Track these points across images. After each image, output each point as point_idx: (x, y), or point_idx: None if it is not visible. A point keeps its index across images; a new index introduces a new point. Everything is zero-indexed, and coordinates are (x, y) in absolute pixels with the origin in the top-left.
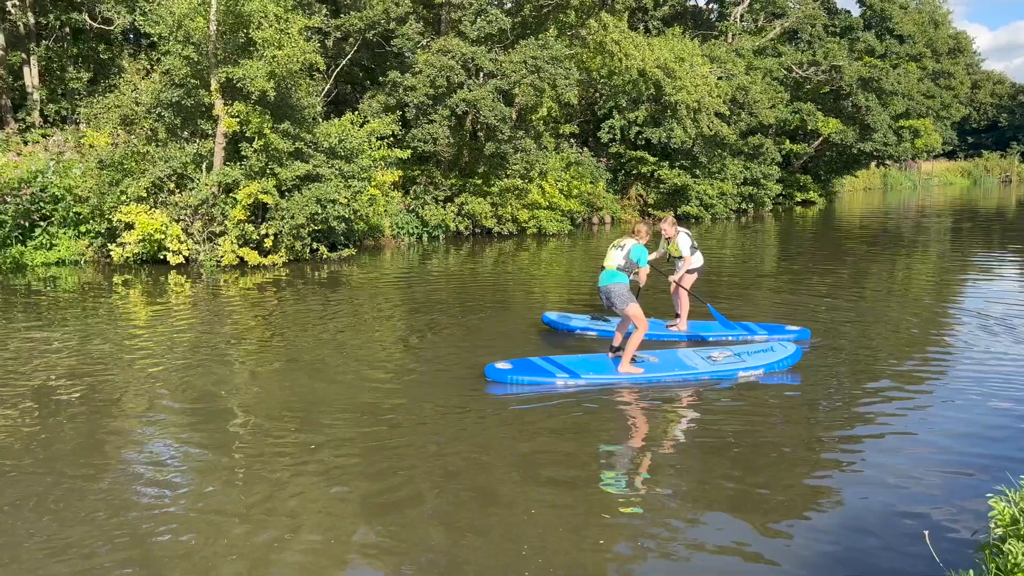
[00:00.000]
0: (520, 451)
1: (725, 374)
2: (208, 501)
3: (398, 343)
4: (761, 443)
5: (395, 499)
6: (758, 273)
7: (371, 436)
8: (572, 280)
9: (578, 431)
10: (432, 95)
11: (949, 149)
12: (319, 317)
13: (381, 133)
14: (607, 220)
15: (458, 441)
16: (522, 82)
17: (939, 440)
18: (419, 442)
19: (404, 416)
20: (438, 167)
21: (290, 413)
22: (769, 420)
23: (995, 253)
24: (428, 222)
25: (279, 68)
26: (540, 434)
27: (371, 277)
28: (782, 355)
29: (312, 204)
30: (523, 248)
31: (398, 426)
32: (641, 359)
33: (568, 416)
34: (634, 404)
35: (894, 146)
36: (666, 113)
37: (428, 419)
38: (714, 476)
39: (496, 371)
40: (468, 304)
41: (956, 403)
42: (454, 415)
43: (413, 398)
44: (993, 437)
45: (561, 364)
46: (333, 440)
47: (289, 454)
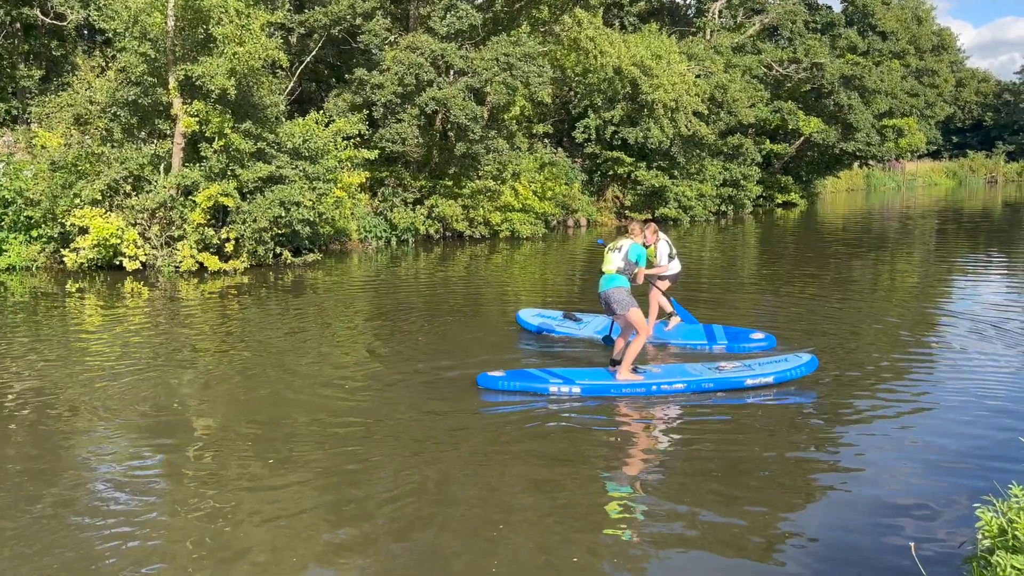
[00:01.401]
0: (494, 464)
1: (732, 383)
2: (166, 518)
3: (365, 351)
4: (744, 454)
5: (364, 514)
6: (738, 277)
7: (338, 449)
8: (547, 284)
9: (561, 439)
10: (400, 93)
11: (933, 149)
12: (282, 325)
13: (347, 133)
14: (582, 222)
15: (429, 453)
16: (494, 80)
17: (927, 448)
18: (389, 454)
19: (372, 427)
20: (407, 168)
21: (252, 425)
22: (754, 429)
23: (981, 255)
24: (397, 225)
25: (240, 65)
26: (519, 444)
27: (337, 283)
28: (795, 364)
29: (275, 207)
30: (496, 252)
31: (366, 438)
32: (643, 369)
33: (552, 424)
34: (627, 412)
35: (877, 146)
36: (643, 112)
37: (397, 430)
38: (698, 487)
39: (489, 379)
40: (438, 310)
41: (945, 409)
42: (425, 425)
43: (381, 408)
44: (983, 444)
45: (556, 372)
46: (298, 453)
47: (252, 468)
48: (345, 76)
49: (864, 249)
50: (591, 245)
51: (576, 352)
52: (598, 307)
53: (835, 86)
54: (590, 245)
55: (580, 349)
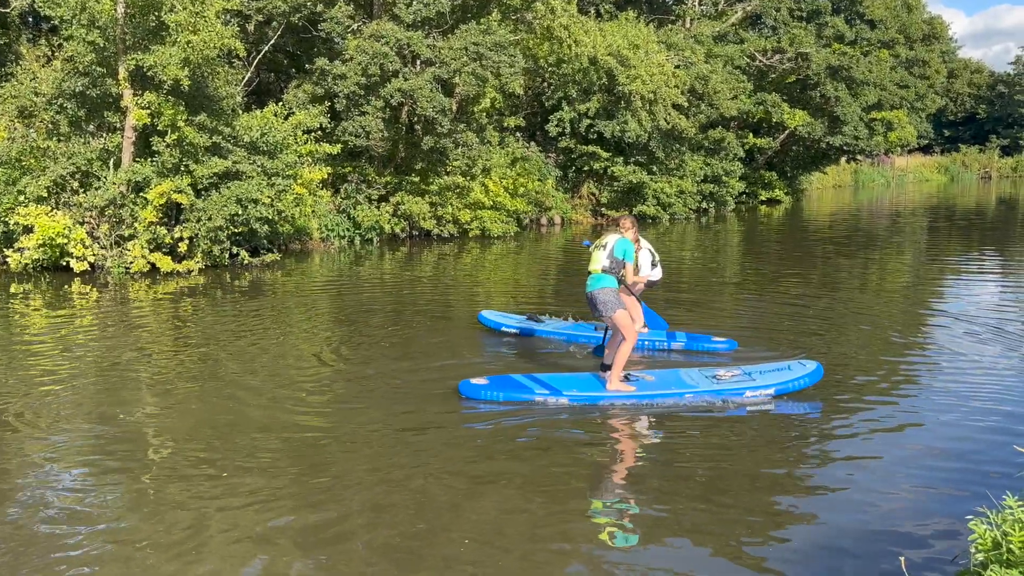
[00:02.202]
0: (470, 481)
1: (730, 393)
2: (119, 537)
3: (327, 356)
4: (730, 465)
5: (328, 533)
6: (720, 278)
7: (299, 460)
8: (519, 286)
9: (543, 454)
10: (364, 84)
11: (924, 143)
12: (239, 329)
13: (308, 126)
14: (556, 221)
15: (397, 465)
16: (463, 70)
17: (917, 456)
18: (353, 467)
19: (335, 438)
20: (371, 163)
21: (206, 437)
22: (740, 438)
23: (975, 254)
24: (360, 224)
25: (194, 54)
26: (498, 460)
27: (297, 284)
28: (799, 373)
29: (231, 204)
30: (465, 252)
31: (329, 449)
32: (636, 377)
33: (534, 437)
34: (615, 425)
35: (865, 140)
36: (620, 105)
37: (362, 440)
38: (683, 499)
39: (471, 387)
40: (404, 313)
41: (938, 416)
42: (391, 435)
43: (345, 417)
44: (977, 453)
45: (543, 381)
46: (257, 466)
47: (207, 483)
48: (305, 66)
49: (852, 248)
50: (566, 245)
51: (559, 353)
52: (568, 309)
53: (821, 77)
54: (565, 245)
55: (558, 349)
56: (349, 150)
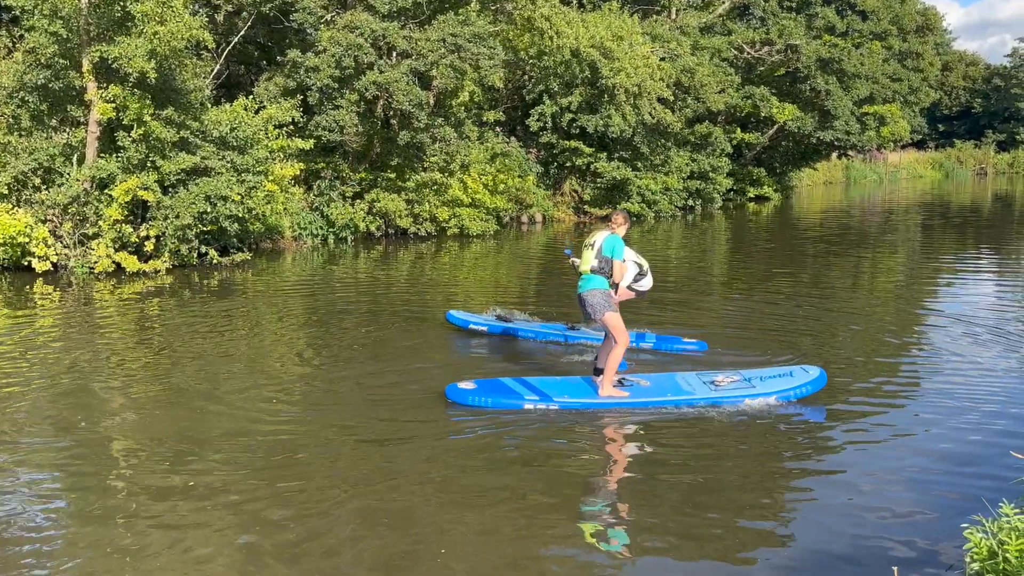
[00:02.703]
0: (451, 487)
1: (728, 401)
2: (77, 552)
3: (300, 360)
4: (722, 473)
5: (301, 548)
6: (707, 278)
7: (271, 471)
8: (499, 286)
9: (524, 465)
10: (338, 77)
11: (918, 138)
12: (208, 331)
13: (279, 120)
14: (538, 219)
15: (373, 477)
16: (440, 63)
17: (911, 462)
18: (328, 478)
19: (309, 445)
20: (345, 159)
21: (174, 444)
22: (730, 444)
23: (971, 252)
24: (334, 222)
25: (161, 46)
26: (479, 471)
27: (268, 285)
28: (802, 380)
29: (200, 202)
30: (443, 250)
31: (302, 458)
32: (630, 383)
33: (519, 445)
34: (606, 434)
35: (857, 135)
36: (603, 98)
37: (338, 449)
38: (673, 510)
39: (458, 392)
40: (380, 314)
41: (933, 420)
42: (367, 443)
43: (319, 424)
44: (975, 459)
45: (533, 386)
46: (226, 476)
47: (172, 494)
48: (277, 58)
49: (844, 247)
50: (548, 244)
51: (545, 356)
52: (550, 310)
53: (811, 70)
54: (547, 243)
55: (543, 351)
56: (322, 145)
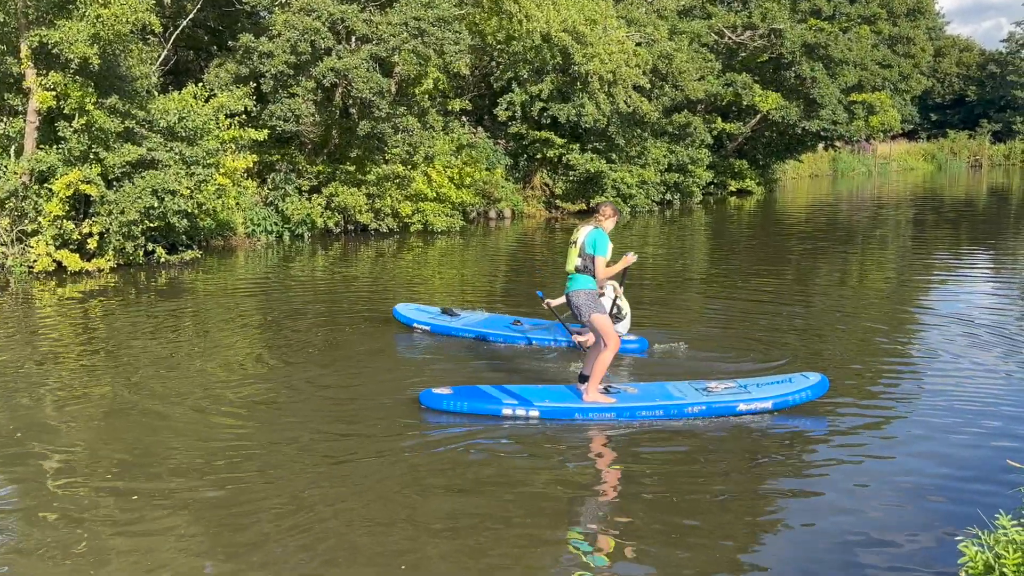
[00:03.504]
0: (414, 505)
1: (721, 408)
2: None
3: (252, 364)
4: (705, 483)
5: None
6: (686, 276)
7: (220, 483)
8: (465, 285)
9: (499, 480)
10: (293, 63)
11: (909, 128)
12: (155, 334)
13: (231, 109)
14: (506, 214)
15: (331, 494)
16: (402, 48)
17: (906, 471)
18: (283, 493)
19: (262, 456)
20: (301, 151)
21: (118, 456)
22: (713, 452)
23: (966, 249)
24: (290, 217)
25: (104, 30)
26: (451, 482)
27: (220, 284)
28: (801, 386)
29: (147, 196)
30: (406, 248)
31: (255, 470)
32: (617, 389)
33: (491, 457)
34: (590, 442)
35: (845, 124)
36: (575, 86)
37: (294, 461)
38: (650, 525)
39: (433, 397)
40: (338, 316)
41: (929, 426)
42: (324, 455)
43: (273, 433)
44: (970, 467)
45: (513, 392)
46: (173, 490)
47: (115, 510)
48: (228, 43)
49: (831, 243)
50: (517, 240)
51: (518, 358)
52: (521, 310)
53: (796, 56)
54: (516, 240)
55: (514, 353)
56: (277, 136)
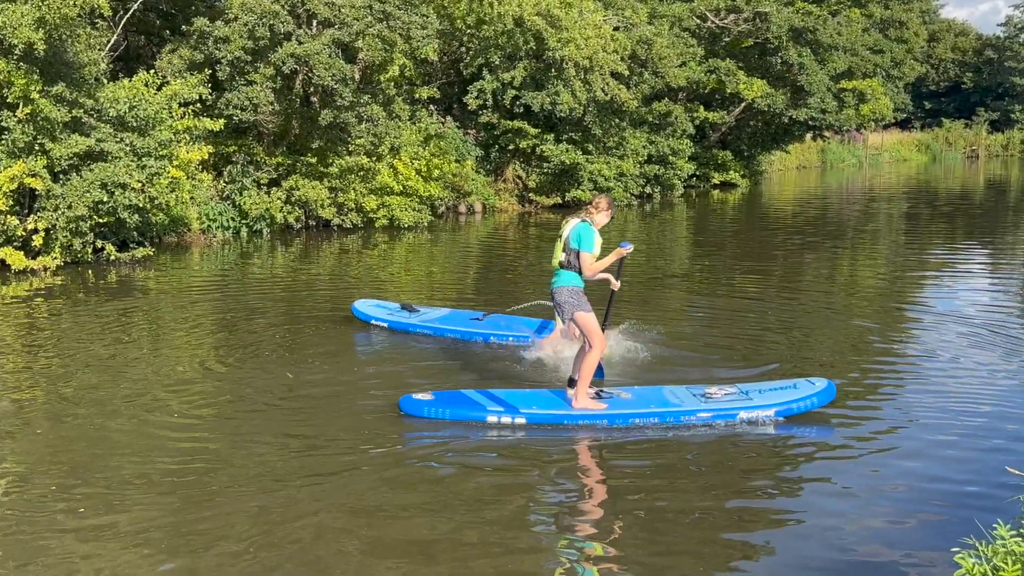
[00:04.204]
0: (380, 520)
1: (720, 415)
2: None
3: (208, 368)
4: (697, 493)
5: None
6: (667, 273)
7: (174, 496)
8: (433, 283)
9: (478, 496)
10: (251, 49)
11: (902, 117)
12: (104, 336)
13: (185, 98)
14: (477, 208)
15: (293, 510)
16: (367, 32)
17: (900, 479)
18: (244, 508)
19: (217, 467)
20: (260, 142)
21: (65, 465)
22: (710, 464)
23: (962, 245)
24: (247, 212)
25: (51, 14)
26: (423, 498)
27: (173, 284)
28: (806, 392)
29: (95, 190)
30: (370, 244)
31: (213, 484)
32: (609, 394)
33: (468, 470)
34: (577, 453)
35: (834, 113)
36: (550, 73)
37: (253, 473)
38: (646, 543)
39: (413, 403)
40: (299, 317)
41: (925, 432)
42: (286, 466)
43: (230, 444)
44: (967, 474)
45: (497, 397)
46: (124, 503)
47: (62, 525)
48: (181, 27)
49: (820, 239)
50: (488, 236)
51: (495, 364)
52: (491, 308)
53: (783, 41)
54: (487, 236)
55: (491, 356)
56: (234, 126)
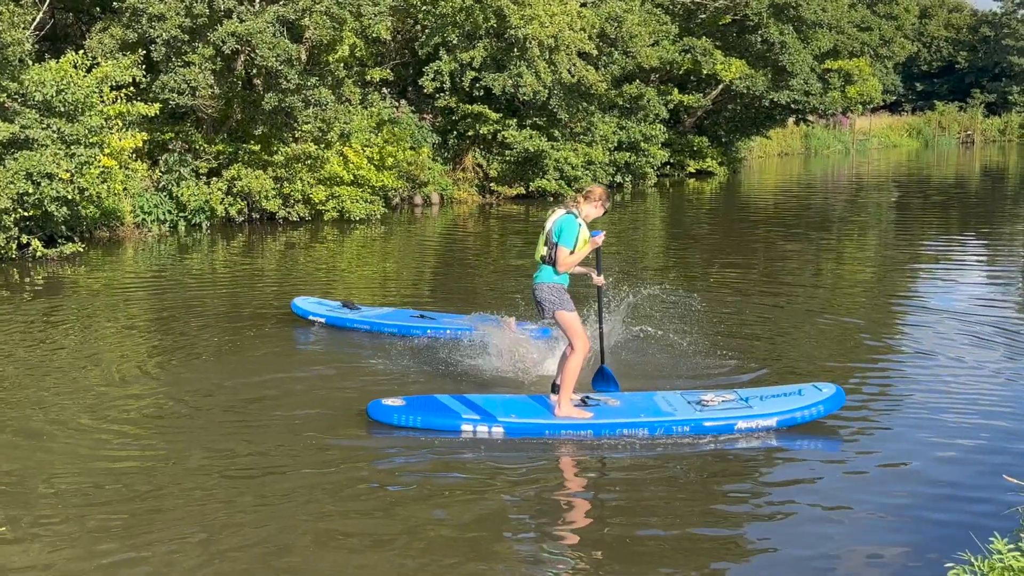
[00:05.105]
0: (336, 544)
1: (716, 427)
2: None
3: (145, 373)
4: (681, 508)
5: None
6: (639, 267)
7: (109, 513)
8: (387, 281)
9: (448, 519)
10: (188, 27)
11: (892, 100)
12: (30, 339)
13: (117, 80)
14: (434, 199)
15: (241, 526)
16: (314, 9)
17: (892, 489)
18: (185, 525)
19: (155, 478)
20: (198, 128)
21: None
22: (680, 470)
23: (957, 237)
24: (185, 205)
25: None
26: (371, 515)
27: (105, 281)
28: (812, 400)
29: (20, 181)
30: (319, 239)
31: (151, 499)
32: (596, 401)
33: (434, 488)
34: (559, 466)
35: (818, 96)
36: (512, 53)
37: (193, 481)
38: (618, 562)
39: (382, 409)
40: (241, 317)
41: (919, 437)
42: (229, 480)
43: (170, 455)
44: (963, 483)
45: (474, 403)
46: (54, 520)
47: None
48: (113, 4)
49: (803, 231)
50: (447, 229)
51: (464, 359)
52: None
53: (763, 17)
54: (445, 229)
55: (459, 352)
56: (170, 111)
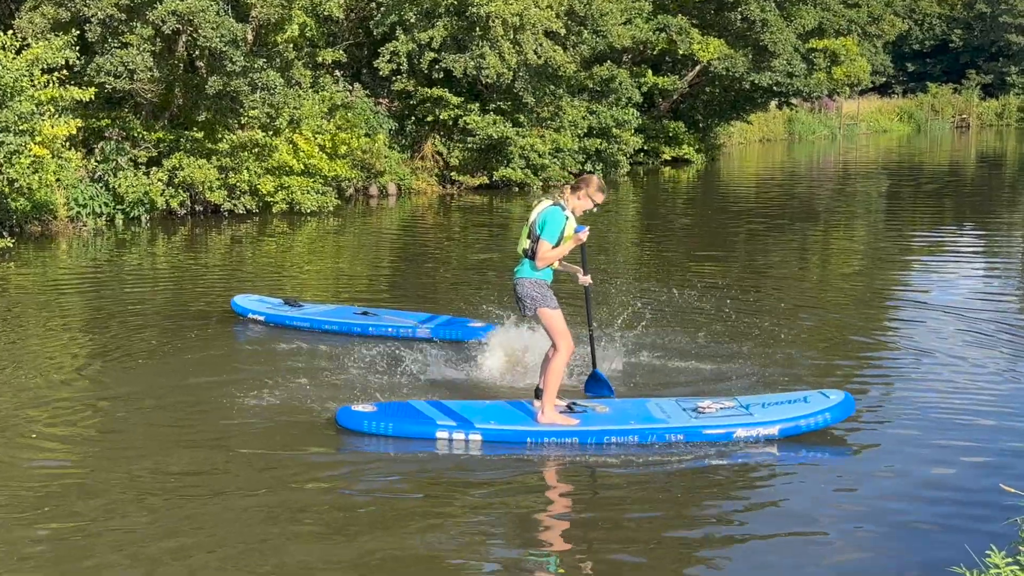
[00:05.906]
0: (285, 551)
1: (712, 436)
2: None
3: (79, 377)
4: (671, 522)
5: None
6: (612, 262)
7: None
8: (339, 278)
9: (419, 528)
10: (126, 6)
11: (881, 81)
12: None
13: (49, 63)
14: (391, 190)
15: (188, 549)
16: None
17: (885, 498)
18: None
19: (93, 489)
20: (137, 114)
21: None
22: (664, 477)
23: (952, 228)
24: (123, 196)
25: None
26: (338, 532)
27: (36, 279)
28: (818, 407)
29: None
30: (267, 233)
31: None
32: (583, 408)
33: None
34: (543, 477)
35: (803, 78)
36: (474, 32)
37: (130, 494)
38: None
39: (352, 416)
40: (184, 316)
41: (915, 443)
42: (172, 495)
43: (108, 467)
44: (959, 492)
45: (450, 408)
46: None
47: None
48: None
49: (787, 222)
50: (404, 222)
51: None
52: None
53: None
54: (403, 222)
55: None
56: (107, 96)
